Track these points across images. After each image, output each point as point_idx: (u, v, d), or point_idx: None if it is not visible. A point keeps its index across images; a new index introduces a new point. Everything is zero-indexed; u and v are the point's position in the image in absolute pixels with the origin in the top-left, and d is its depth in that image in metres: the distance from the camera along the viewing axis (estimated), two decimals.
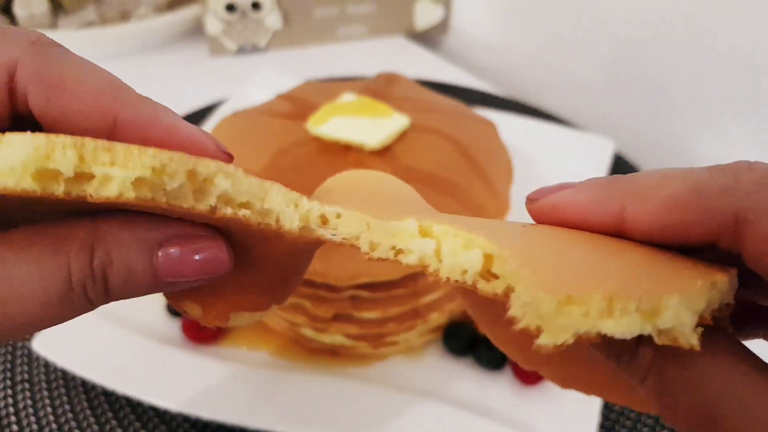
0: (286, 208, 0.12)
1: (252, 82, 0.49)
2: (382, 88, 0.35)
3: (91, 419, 0.28)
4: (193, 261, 0.12)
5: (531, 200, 0.14)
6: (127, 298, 0.12)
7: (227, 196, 0.12)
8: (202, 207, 0.12)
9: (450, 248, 0.11)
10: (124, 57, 0.60)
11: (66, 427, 0.28)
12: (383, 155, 0.29)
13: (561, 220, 0.13)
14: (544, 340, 0.09)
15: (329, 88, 0.35)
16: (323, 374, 0.29)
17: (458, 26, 0.65)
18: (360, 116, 0.30)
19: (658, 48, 0.47)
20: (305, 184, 0.28)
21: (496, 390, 0.29)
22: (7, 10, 0.62)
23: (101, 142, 0.11)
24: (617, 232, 0.12)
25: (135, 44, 0.60)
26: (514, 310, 0.10)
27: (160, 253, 0.12)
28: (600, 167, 0.41)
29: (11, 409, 0.29)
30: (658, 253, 0.12)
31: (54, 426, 0.28)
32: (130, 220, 0.12)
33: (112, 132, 0.12)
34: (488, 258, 0.11)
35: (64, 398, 0.29)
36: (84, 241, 0.11)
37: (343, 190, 0.16)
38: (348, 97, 0.32)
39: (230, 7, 0.57)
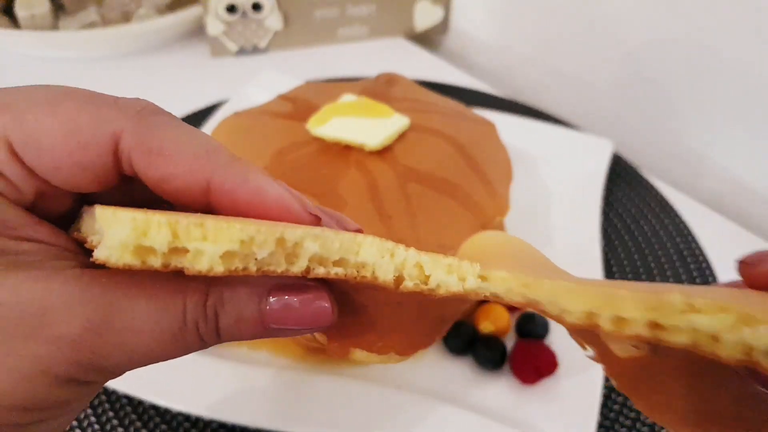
0: (380, 260, 0.13)
1: (253, 83, 0.49)
2: (382, 89, 0.35)
3: (92, 419, 0.28)
4: (297, 310, 0.13)
5: (748, 264, 0.13)
6: (236, 340, 0.13)
7: (320, 257, 0.12)
8: (296, 269, 0.12)
9: (721, 325, 0.11)
10: (125, 58, 0.60)
11: (66, 427, 0.28)
12: (383, 155, 0.29)
13: None
14: None
15: (330, 88, 0.35)
16: (323, 374, 0.29)
17: (458, 27, 0.65)
18: (360, 117, 0.30)
19: (658, 49, 0.47)
20: (306, 184, 0.28)
21: (496, 389, 0.29)
22: (9, 11, 0.62)
23: (193, 219, 0.11)
24: None
25: (136, 45, 0.61)
26: None
27: (268, 300, 0.13)
28: (599, 168, 0.42)
29: None
30: None
31: None
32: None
33: (206, 193, 0.13)
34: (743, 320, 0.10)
35: None
36: (200, 285, 0.13)
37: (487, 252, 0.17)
38: (348, 98, 0.32)
39: (231, 8, 0.57)
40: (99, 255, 0.11)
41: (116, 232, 0.11)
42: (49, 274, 0.12)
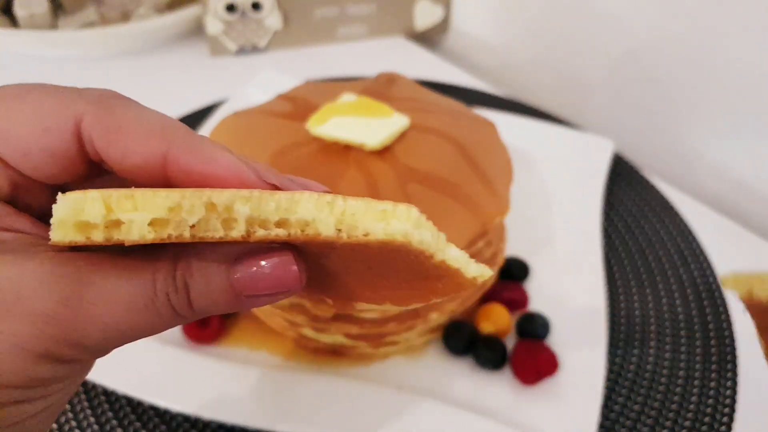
0: (319, 214, 0.12)
1: (252, 83, 0.49)
2: (382, 88, 0.35)
3: (92, 419, 0.28)
4: (265, 275, 0.13)
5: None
6: (211, 312, 0.13)
7: (258, 219, 0.12)
8: (236, 234, 0.12)
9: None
10: (125, 57, 0.60)
11: (66, 427, 0.28)
12: (383, 155, 0.29)
13: None
14: None
15: (329, 88, 0.35)
16: (323, 374, 0.29)
17: (458, 26, 0.65)
18: (360, 116, 0.30)
19: (658, 48, 0.47)
20: None
21: (496, 389, 0.29)
22: (8, 11, 0.62)
23: (124, 191, 0.12)
24: None
25: (135, 44, 0.60)
26: None
27: (235, 268, 0.13)
28: (600, 168, 0.41)
29: None
30: None
31: (54, 426, 0.28)
32: (212, 243, 0.13)
33: (164, 167, 0.13)
34: None
35: None
36: (169, 257, 0.13)
37: None
38: (348, 97, 0.32)
39: (230, 8, 0.57)
40: (51, 236, 0.12)
41: (58, 211, 0.12)
42: (25, 256, 0.12)
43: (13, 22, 0.60)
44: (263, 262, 0.13)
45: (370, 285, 0.16)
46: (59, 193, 0.12)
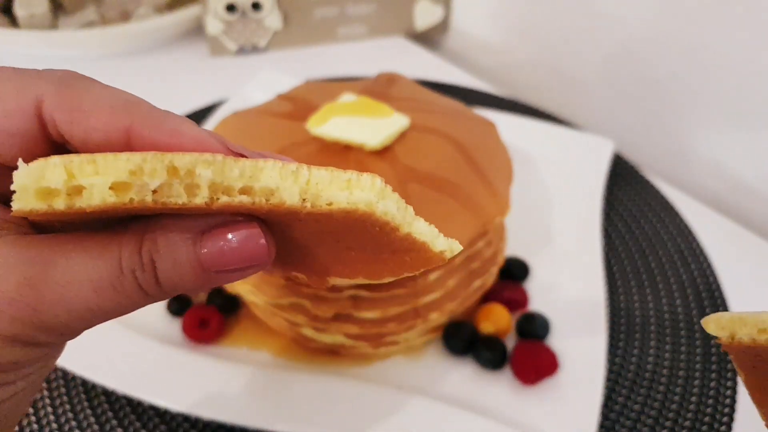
0: (283, 183, 0.12)
1: (252, 83, 0.49)
2: (382, 88, 0.35)
3: (92, 419, 0.28)
4: (232, 248, 0.13)
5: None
6: (181, 290, 0.13)
7: (222, 185, 0.12)
8: (199, 200, 0.12)
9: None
10: (125, 57, 0.60)
11: (66, 427, 0.28)
12: (383, 155, 0.29)
13: None
14: None
15: (329, 88, 0.35)
16: (323, 374, 0.29)
17: (458, 26, 0.65)
18: (360, 116, 0.30)
19: (658, 48, 0.47)
20: None
21: (496, 389, 0.29)
22: (8, 11, 0.62)
23: (85, 156, 0.11)
24: None
25: (135, 44, 0.60)
26: None
27: (201, 242, 0.12)
28: (600, 167, 0.41)
29: None
30: None
31: (54, 426, 0.28)
32: (178, 217, 0.13)
33: (128, 144, 0.13)
34: None
35: (65, 398, 0.29)
36: (134, 233, 0.13)
37: None
38: (348, 97, 0.32)
39: (230, 8, 0.57)
40: (13, 207, 0.11)
41: (19, 178, 0.11)
42: None
43: (13, 22, 0.60)
44: (230, 235, 0.13)
45: (340, 259, 0.15)
46: (20, 160, 0.11)
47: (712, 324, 0.14)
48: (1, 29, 0.56)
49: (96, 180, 0.11)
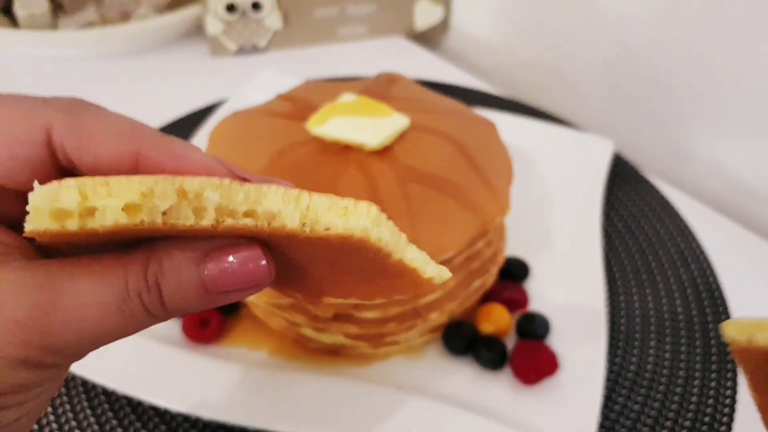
0: (285, 207, 0.12)
1: (252, 82, 0.49)
2: (382, 88, 0.35)
3: (92, 419, 0.28)
4: (235, 270, 0.13)
5: None
6: (185, 310, 0.14)
7: (227, 208, 0.12)
8: (206, 222, 0.12)
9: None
10: (125, 57, 0.60)
11: (66, 427, 0.28)
12: (383, 155, 0.29)
13: None
14: None
15: (329, 88, 0.35)
16: (323, 374, 0.29)
17: (458, 27, 0.65)
18: (360, 116, 0.30)
19: (658, 48, 0.47)
20: (306, 183, 0.28)
21: (496, 389, 0.29)
22: (8, 11, 0.62)
23: (99, 179, 0.12)
24: None
25: (135, 44, 0.61)
26: None
27: (205, 264, 0.13)
28: (600, 168, 0.42)
29: None
30: None
31: (54, 426, 0.28)
32: (183, 240, 0.13)
33: (135, 169, 0.13)
34: None
35: (65, 398, 0.29)
36: (140, 257, 0.13)
37: None
38: (348, 97, 0.32)
39: (230, 8, 0.57)
40: (26, 227, 0.12)
41: (34, 199, 0.12)
42: None
43: (14, 22, 0.60)
44: (232, 257, 0.13)
45: (335, 280, 0.16)
46: (35, 182, 0.12)
47: (732, 327, 0.14)
48: (1, 29, 0.56)
49: (109, 202, 0.12)
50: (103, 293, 0.13)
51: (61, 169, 0.14)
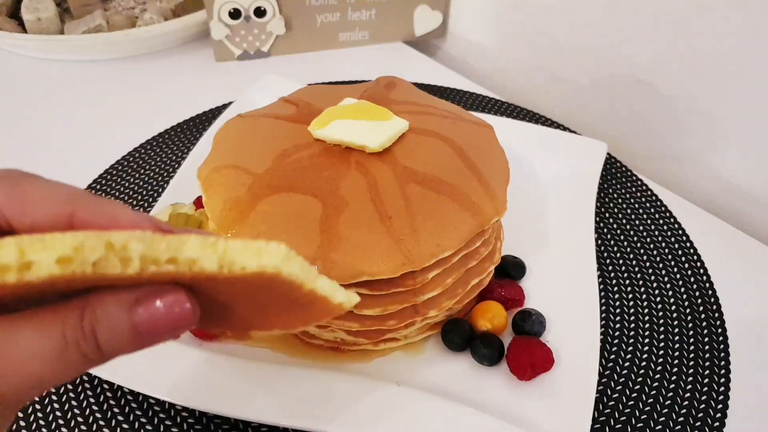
0: (203, 252, 0.14)
1: (256, 86, 0.50)
2: (381, 92, 0.36)
3: (98, 415, 0.29)
4: (162, 314, 0.14)
5: None
6: (120, 354, 0.15)
7: (151, 257, 0.14)
8: (131, 270, 0.13)
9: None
10: (131, 61, 0.61)
11: (72, 422, 0.29)
12: (383, 157, 0.30)
13: None
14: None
15: (331, 91, 0.36)
16: (325, 369, 0.30)
17: (456, 32, 0.66)
18: (361, 119, 0.31)
19: (653, 54, 0.47)
20: (308, 184, 0.28)
21: (493, 385, 0.30)
22: (15, 15, 0.63)
23: (35, 236, 0.13)
24: None
25: (141, 49, 0.61)
26: None
27: (136, 310, 0.14)
28: (594, 169, 0.42)
29: None
30: None
31: (60, 421, 0.29)
32: (114, 290, 0.14)
33: (70, 228, 0.14)
34: None
35: (71, 394, 0.30)
36: (77, 307, 0.14)
37: None
38: (349, 101, 0.33)
39: (234, 14, 0.58)
40: None
41: None
42: None
43: (21, 26, 0.61)
44: (158, 302, 0.14)
45: (258, 314, 0.18)
46: None
47: None
48: (9, 33, 0.57)
49: (44, 255, 0.13)
50: (43, 344, 0.13)
51: (0, 230, 0.15)
